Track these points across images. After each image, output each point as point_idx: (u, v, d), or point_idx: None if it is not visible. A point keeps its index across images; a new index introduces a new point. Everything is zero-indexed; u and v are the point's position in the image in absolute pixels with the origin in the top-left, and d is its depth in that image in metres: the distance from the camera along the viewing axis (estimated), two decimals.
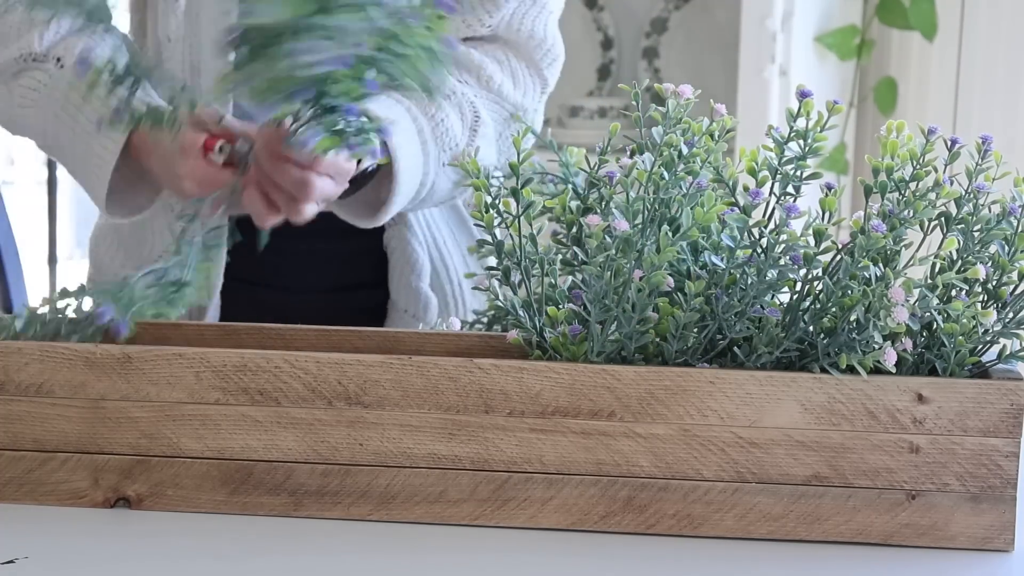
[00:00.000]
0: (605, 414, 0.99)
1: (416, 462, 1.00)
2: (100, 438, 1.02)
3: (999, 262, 1.03)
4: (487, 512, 1.01)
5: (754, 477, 0.99)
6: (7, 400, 1.02)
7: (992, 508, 0.98)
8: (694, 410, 0.99)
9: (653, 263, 0.99)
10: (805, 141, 1.04)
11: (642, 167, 1.03)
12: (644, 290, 0.99)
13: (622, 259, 1.00)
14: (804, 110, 1.04)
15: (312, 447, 1.01)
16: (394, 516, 1.01)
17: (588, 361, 1.01)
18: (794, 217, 0.99)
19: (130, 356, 1.01)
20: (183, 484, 1.02)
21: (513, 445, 1.00)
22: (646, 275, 0.99)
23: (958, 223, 1.04)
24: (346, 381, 1.00)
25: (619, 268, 1.00)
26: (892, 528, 0.99)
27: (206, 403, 1.01)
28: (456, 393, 0.99)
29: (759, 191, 1.02)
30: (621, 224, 0.99)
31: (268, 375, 1.00)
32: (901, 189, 1.03)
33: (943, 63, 3.13)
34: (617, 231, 1.00)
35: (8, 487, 1.03)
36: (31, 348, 1.01)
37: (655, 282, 0.99)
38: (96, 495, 1.03)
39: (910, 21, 3.11)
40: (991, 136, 1.07)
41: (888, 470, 0.98)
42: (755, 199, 1.01)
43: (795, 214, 0.99)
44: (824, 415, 0.98)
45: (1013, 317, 1.03)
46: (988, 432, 0.98)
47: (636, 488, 1.00)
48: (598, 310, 1.00)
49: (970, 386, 0.98)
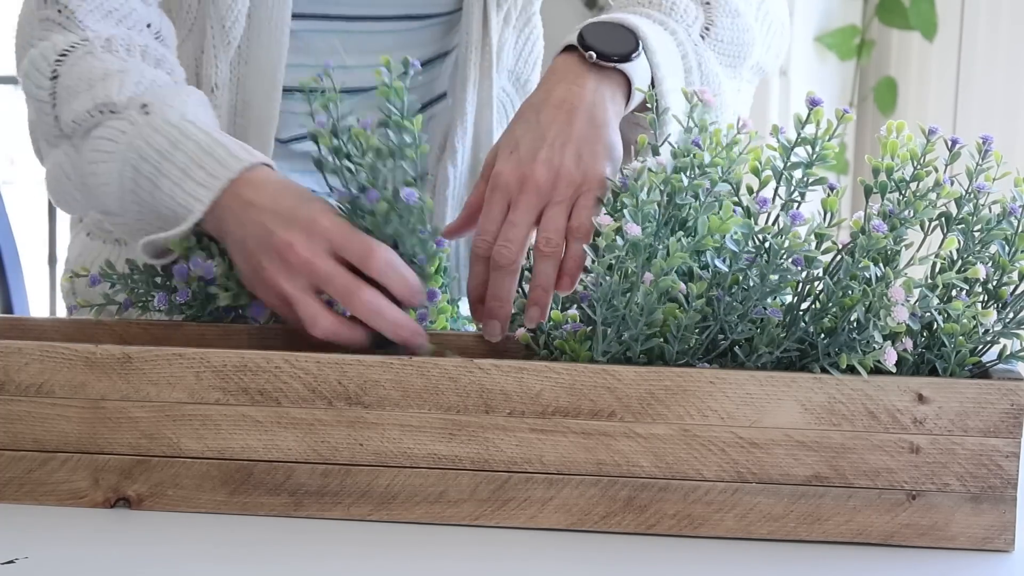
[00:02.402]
0: (605, 414, 0.99)
1: (416, 462, 1.00)
2: (100, 438, 1.02)
3: (999, 262, 1.03)
4: (487, 512, 1.01)
5: (754, 477, 0.99)
6: (7, 400, 1.02)
7: (992, 508, 0.98)
8: (694, 410, 0.99)
9: (662, 267, 0.99)
10: (813, 148, 1.04)
11: (656, 169, 1.03)
12: (652, 294, 0.99)
13: (631, 262, 1.00)
14: (814, 118, 1.04)
15: (312, 447, 1.01)
16: (394, 516, 1.01)
17: (592, 361, 1.01)
18: (799, 225, 0.99)
19: (130, 356, 1.01)
20: (183, 484, 1.02)
21: (513, 445, 1.00)
22: (655, 279, 0.99)
23: (958, 223, 1.05)
24: (346, 381, 1.00)
25: (628, 271, 1.00)
26: (892, 528, 0.99)
27: (206, 403, 1.01)
28: (456, 393, 0.99)
29: (766, 199, 1.02)
30: (632, 228, 0.99)
31: (268, 375, 1.00)
32: (901, 189, 1.03)
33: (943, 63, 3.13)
34: (629, 235, 0.99)
35: (8, 487, 1.03)
36: (31, 348, 1.01)
37: (664, 286, 0.99)
38: (96, 495, 1.02)
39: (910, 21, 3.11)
40: (992, 136, 1.07)
41: (888, 470, 0.98)
42: (762, 207, 1.01)
43: (800, 221, 0.99)
44: (824, 415, 0.98)
45: (1013, 317, 1.03)
46: (988, 432, 0.98)
47: (636, 488, 1.00)
48: (605, 311, 1.00)
49: (970, 386, 0.98)
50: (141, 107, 1.15)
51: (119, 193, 1.15)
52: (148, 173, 1.13)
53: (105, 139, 1.15)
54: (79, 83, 1.17)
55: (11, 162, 4.24)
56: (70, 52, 1.18)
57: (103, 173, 1.15)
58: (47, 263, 3.73)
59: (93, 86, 1.16)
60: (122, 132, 1.14)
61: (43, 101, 1.18)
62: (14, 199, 3.81)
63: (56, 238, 3.75)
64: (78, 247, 1.42)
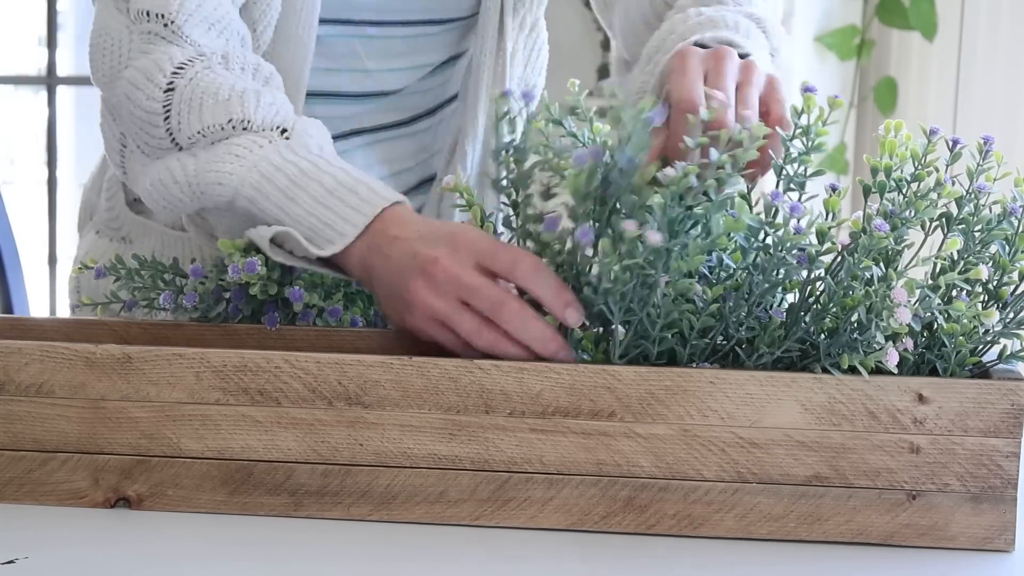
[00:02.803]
0: (605, 414, 0.99)
1: (416, 462, 1.00)
2: (100, 438, 1.02)
3: (1000, 262, 1.03)
4: (487, 512, 1.01)
5: (754, 477, 0.99)
6: (7, 400, 1.02)
7: (992, 508, 0.98)
8: (694, 410, 0.99)
9: (680, 270, 0.98)
10: (808, 137, 1.04)
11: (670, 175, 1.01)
12: (670, 295, 0.99)
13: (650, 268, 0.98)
14: (806, 106, 1.04)
15: (312, 447, 1.01)
16: (394, 516, 1.01)
17: (608, 363, 1.01)
18: (798, 217, 0.99)
19: (130, 356, 1.01)
20: (183, 484, 1.02)
21: (513, 445, 1.00)
22: (672, 281, 0.98)
23: (959, 223, 1.05)
24: (346, 381, 1.00)
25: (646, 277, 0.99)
26: (892, 528, 0.99)
27: (206, 403, 1.01)
28: (456, 393, 0.99)
29: (779, 192, 1.01)
30: (654, 236, 0.98)
31: (268, 375, 1.00)
32: (901, 189, 1.03)
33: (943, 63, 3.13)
34: (649, 242, 0.98)
35: (8, 487, 1.03)
36: (31, 348, 1.01)
37: (681, 288, 0.98)
38: (96, 495, 1.02)
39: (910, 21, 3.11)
40: (992, 136, 1.07)
41: (888, 470, 0.98)
42: (775, 200, 1.01)
43: (799, 213, 0.99)
44: (824, 415, 0.98)
45: (1014, 317, 1.03)
46: (989, 432, 0.98)
47: (636, 488, 1.00)
48: (622, 312, 1.00)
49: (971, 386, 0.98)
50: (280, 131, 1.14)
51: (233, 195, 1.13)
52: (283, 185, 1.11)
53: (240, 146, 1.13)
54: (205, 97, 1.15)
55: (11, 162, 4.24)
56: (187, 66, 1.16)
57: (226, 173, 1.13)
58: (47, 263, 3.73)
59: (227, 101, 1.14)
60: (259, 146, 1.12)
61: (153, 113, 1.16)
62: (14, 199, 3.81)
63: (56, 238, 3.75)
64: (86, 245, 1.43)
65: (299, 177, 1.10)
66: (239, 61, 1.19)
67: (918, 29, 3.08)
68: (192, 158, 1.15)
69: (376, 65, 1.33)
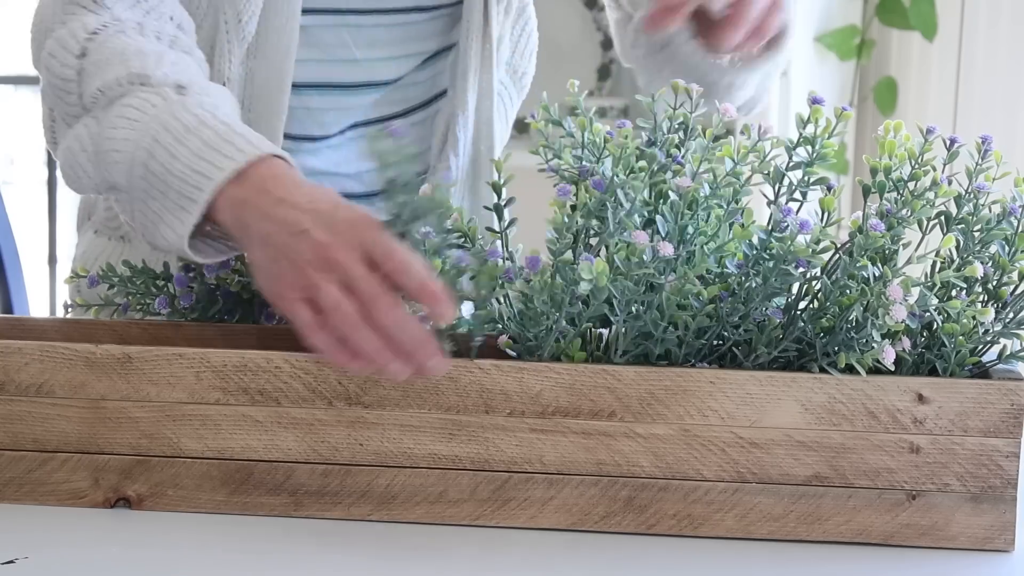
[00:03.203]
0: (605, 414, 0.99)
1: (416, 462, 1.00)
2: (100, 438, 1.02)
3: (999, 262, 1.03)
4: (487, 512, 1.01)
5: (754, 477, 0.99)
6: (7, 400, 1.02)
7: (992, 508, 0.98)
8: (694, 410, 0.99)
9: (685, 273, 0.98)
10: (813, 147, 1.04)
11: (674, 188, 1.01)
12: (674, 299, 0.99)
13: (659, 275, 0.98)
14: (813, 117, 1.03)
15: (312, 447, 1.01)
16: (394, 516, 1.01)
17: (608, 363, 1.01)
18: (806, 233, 0.99)
19: (130, 356, 1.01)
20: (183, 484, 1.02)
21: (513, 445, 1.00)
22: (677, 284, 0.98)
23: (958, 223, 1.05)
24: (346, 381, 1.00)
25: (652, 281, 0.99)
26: (892, 528, 0.99)
27: (206, 403, 1.01)
28: (456, 393, 0.99)
29: (790, 208, 1.01)
30: (665, 247, 0.98)
31: (268, 375, 1.00)
32: (899, 189, 1.03)
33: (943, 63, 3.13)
34: (661, 254, 0.98)
35: (8, 487, 1.03)
36: (31, 348, 1.01)
37: (686, 291, 0.99)
38: (96, 495, 1.03)
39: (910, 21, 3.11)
40: (991, 136, 1.07)
41: (888, 470, 0.98)
42: (786, 216, 1.00)
43: (807, 230, 0.99)
44: (824, 415, 0.98)
45: (1013, 317, 1.03)
46: (988, 432, 0.98)
47: (636, 488, 1.00)
48: (625, 314, 1.00)
49: (970, 386, 0.98)
50: (177, 87, 1.12)
51: (129, 165, 1.11)
52: (167, 143, 1.09)
53: (133, 107, 1.12)
54: (112, 57, 1.14)
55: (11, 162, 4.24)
56: (101, 31, 1.16)
57: (120, 139, 1.11)
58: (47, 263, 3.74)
59: (128, 60, 1.13)
60: (152, 105, 1.11)
61: (67, 79, 1.15)
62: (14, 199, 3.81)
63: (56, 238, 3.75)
64: (84, 244, 1.42)
65: (183, 133, 1.09)
66: (154, 30, 1.18)
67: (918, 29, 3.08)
68: (94, 121, 1.14)
69: (364, 54, 1.34)
